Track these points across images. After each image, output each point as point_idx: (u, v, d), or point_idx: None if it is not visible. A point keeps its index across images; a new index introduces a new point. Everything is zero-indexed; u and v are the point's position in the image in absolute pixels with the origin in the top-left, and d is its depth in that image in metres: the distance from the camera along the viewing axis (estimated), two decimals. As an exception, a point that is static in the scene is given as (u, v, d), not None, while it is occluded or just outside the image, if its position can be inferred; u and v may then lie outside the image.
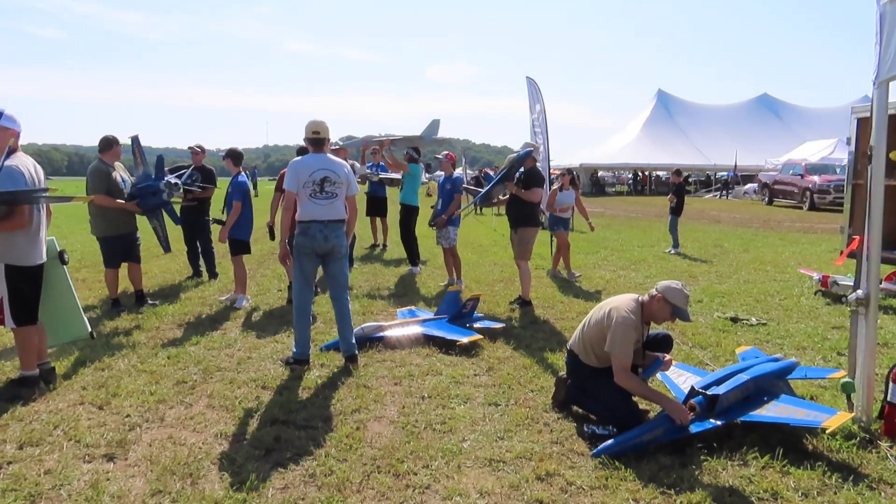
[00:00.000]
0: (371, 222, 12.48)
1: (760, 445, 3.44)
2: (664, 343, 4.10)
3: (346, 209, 5.00)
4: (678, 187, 12.29)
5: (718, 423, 3.54)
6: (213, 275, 8.63)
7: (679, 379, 4.24)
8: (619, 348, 3.65)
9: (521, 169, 6.90)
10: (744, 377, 3.78)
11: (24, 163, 4.22)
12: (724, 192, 33.96)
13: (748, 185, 32.29)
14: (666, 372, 4.33)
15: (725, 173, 35.31)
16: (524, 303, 7.06)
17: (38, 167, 4.42)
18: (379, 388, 4.46)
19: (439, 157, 8.64)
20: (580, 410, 4.00)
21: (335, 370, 4.82)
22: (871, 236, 3.58)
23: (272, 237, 7.76)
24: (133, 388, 4.37)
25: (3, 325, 4.27)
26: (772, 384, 3.87)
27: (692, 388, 3.79)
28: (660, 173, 40.87)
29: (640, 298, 3.81)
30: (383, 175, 11.57)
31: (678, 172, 13.44)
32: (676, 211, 12.00)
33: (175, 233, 8.94)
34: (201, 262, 8.73)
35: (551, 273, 9.27)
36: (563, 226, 9.45)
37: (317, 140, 4.95)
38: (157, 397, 4.22)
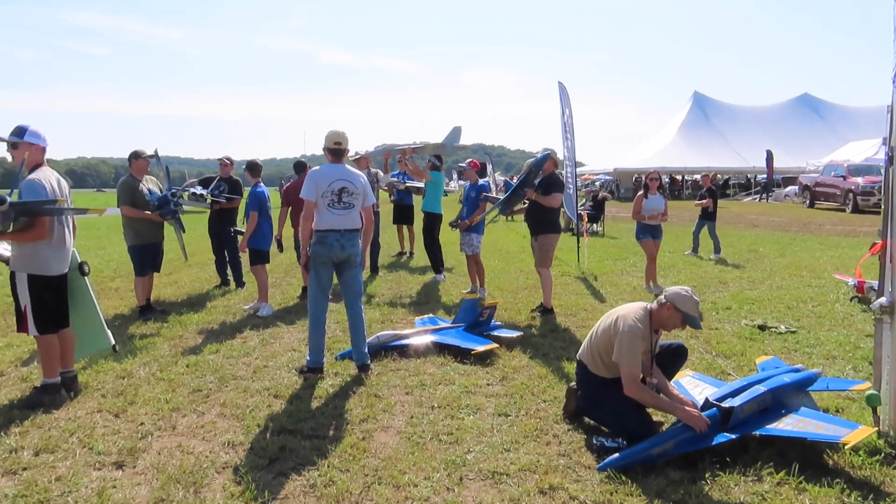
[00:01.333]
0: (398, 230, 12.53)
1: (776, 460, 3.30)
2: (678, 353, 3.99)
3: (362, 219, 5.04)
4: (711, 190, 11.98)
5: (733, 436, 3.41)
6: (239, 283, 8.77)
7: (696, 390, 4.11)
8: (626, 358, 3.56)
9: (541, 174, 6.82)
10: (761, 389, 3.63)
11: (47, 177, 4.36)
12: (764, 194, 33.04)
13: (789, 188, 31.36)
14: (682, 382, 4.22)
15: (764, 176, 34.38)
16: (546, 311, 6.97)
17: (63, 181, 4.55)
18: (390, 397, 4.44)
19: (463, 164, 8.64)
20: (592, 422, 3.91)
21: (348, 379, 4.82)
22: (894, 240, 3.42)
23: (280, 249, 8.01)
24: (150, 397, 4.45)
25: (26, 332, 4.40)
26: (791, 396, 3.71)
27: (706, 399, 3.67)
28: (697, 177, 39.99)
29: (648, 306, 3.71)
30: (409, 183, 11.62)
31: (708, 176, 13.30)
32: (713, 215, 11.68)
33: (205, 243, 9.16)
34: (229, 271, 8.88)
35: (647, 288, 8.42)
36: (652, 234, 8.39)
37: (337, 150, 4.99)
38: (171, 405, 4.29)
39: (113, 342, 4.97)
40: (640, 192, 8.59)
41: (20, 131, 4.33)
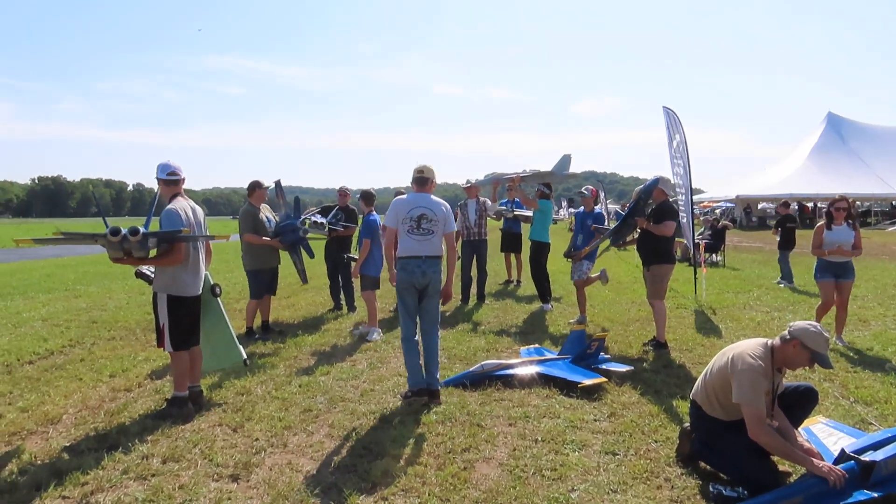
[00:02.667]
0: (505, 258, 12.51)
1: (930, 526, 2.90)
2: (806, 397, 3.63)
3: (445, 246, 5.14)
4: (782, 219, 11.55)
5: (874, 494, 3.04)
6: (351, 308, 9.10)
7: (830, 439, 3.72)
8: (749, 398, 3.29)
9: (651, 202, 6.57)
10: (909, 442, 3.23)
11: (183, 206, 4.78)
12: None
13: (944, 216, 28.13)
14: (813, 430, 3.84)
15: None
16: (659, 345, 6.64)
17: (198, 210, 4.97)
18: (493, 427, 4.38)
19: (584, 191, 8.52)
20: (708, 467, 3.64)
21: (452, 406, 4.82)
22: None
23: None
24: (265, 414, 4.68)
25: (163, 348, 4.79)
26: (948, 453, 3.26)
27: (842, 451, 3.30)
28: (822, 204, 36.89)
29: (769, 342, 3.42)
30: (518, 212, 11.58)
31: (786, 204, 12.98)
32: (784, 245, 11.65)
33: (321, 268, 9.60)
34: (342, 295, 9.23)
35: (838, 340, 6.76)
36: (835, 274, 6.78)
37: (420, 178, 5.16)
38: (284, 423, 4.49)
39: (244, 356, 5.29)
40: (821, 222, 7.05)
41: (157, 168, 4.83)
